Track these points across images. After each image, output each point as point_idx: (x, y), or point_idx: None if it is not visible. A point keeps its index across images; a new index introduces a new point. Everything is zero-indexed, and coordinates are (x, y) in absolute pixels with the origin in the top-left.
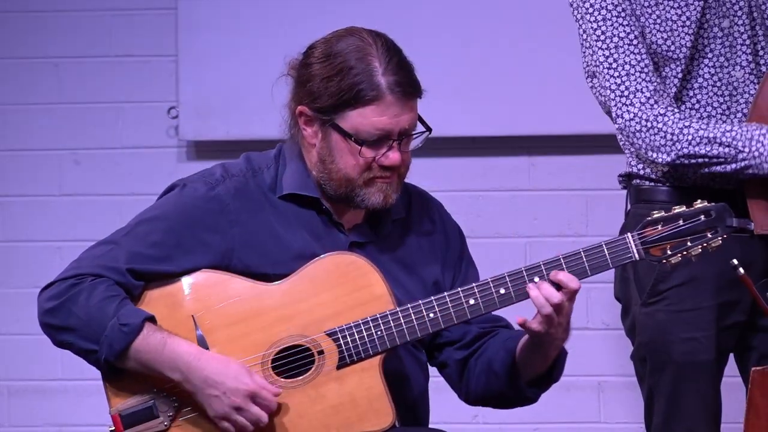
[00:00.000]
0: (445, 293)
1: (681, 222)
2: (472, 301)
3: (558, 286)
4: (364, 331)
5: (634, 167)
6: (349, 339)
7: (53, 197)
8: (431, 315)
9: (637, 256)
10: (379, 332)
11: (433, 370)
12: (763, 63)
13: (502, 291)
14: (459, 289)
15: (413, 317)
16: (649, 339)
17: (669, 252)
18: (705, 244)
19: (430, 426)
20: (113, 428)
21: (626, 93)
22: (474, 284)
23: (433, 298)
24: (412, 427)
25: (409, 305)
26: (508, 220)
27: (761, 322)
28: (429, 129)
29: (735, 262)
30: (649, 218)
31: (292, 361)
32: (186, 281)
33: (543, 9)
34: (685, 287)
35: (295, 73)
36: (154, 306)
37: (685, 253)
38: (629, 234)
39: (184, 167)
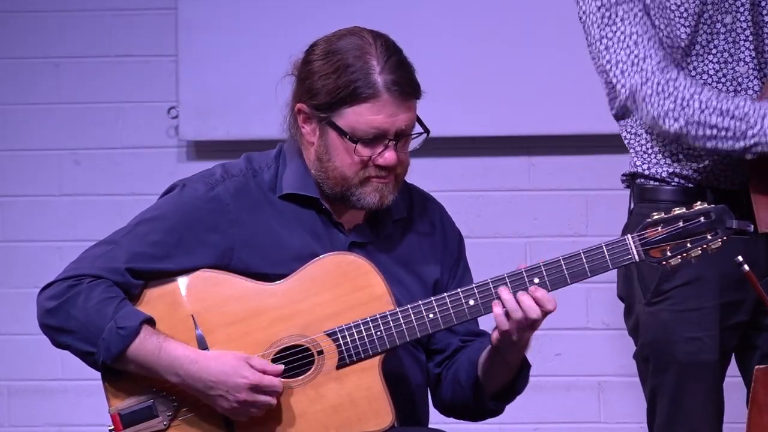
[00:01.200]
0: (445, 294)
1: (681, 223)
2: (471, 302)
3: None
4: (363, 331)
5: (638, 167)
6: (348, 339)
7: (53, 197)
8: (431, 316)
9: (636, 257)
10: (378, 332)
11: None
12: (764, 61)
13: None
14: (459, 289)
15: (413, 318)
16: (653, 339)
17: (669, 253)
18: (705, 246)
19: (430, 426)
20: (112, 427)
21: (636, 60)
22: (474, 285)
23: (432, 298)
24: (412, 427)
25: (408, 306)
26: (508, 220)
27: (764, 321)
28: (427, 131)
29: (740, 259)
30: (649, 220)
31: (292, 361)
32: (186, 281)
33: (543, 9)
34: (689, 287)
35: (297, 72)
36: (154, 305)
37: (684, 254)
38: (629, 235)
39: (184, 167)
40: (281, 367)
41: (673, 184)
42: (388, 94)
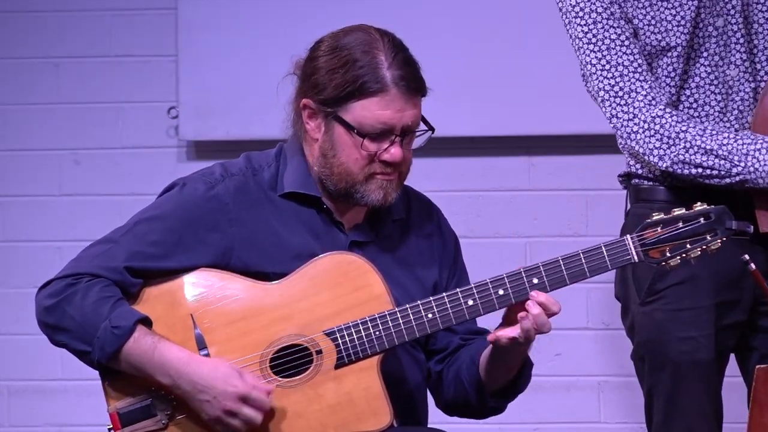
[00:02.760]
0: (444, 294)
1: (680, 224)
2: (470, 302)
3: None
4: (362, 331)
5: (633, 167)
6: (347, 339)
7: (53, 197)
8: (430, 316)
9: (636, 258)
10: (377, 332)
11: None
12: (757, 61)
13: (501, 292)
14: (458, 289)
15: (412, 318)
16: (648, 338)
17: (668, 254)
18: (704, 247)
19: (429, 426)
20: (111, 426)
21: (621, 93)
22: (473, 285)
23: (431, 298)
24: (411, 426)
25: (407, 306)
26: (508, 220)
27: (761, 322)
28: (432, 129)
29: (746, 257)
30: (649, 220)
31: (291, 361)
32: (185, 280)
33: (543, 9)
34: (683, 286)
35: (301, 69)
36: (153, 304)
37: (684, 255)
38: (628, 236)
39: (184, 167)
40: (272, 386)
41: (667, 184)
42: (396, 89)
